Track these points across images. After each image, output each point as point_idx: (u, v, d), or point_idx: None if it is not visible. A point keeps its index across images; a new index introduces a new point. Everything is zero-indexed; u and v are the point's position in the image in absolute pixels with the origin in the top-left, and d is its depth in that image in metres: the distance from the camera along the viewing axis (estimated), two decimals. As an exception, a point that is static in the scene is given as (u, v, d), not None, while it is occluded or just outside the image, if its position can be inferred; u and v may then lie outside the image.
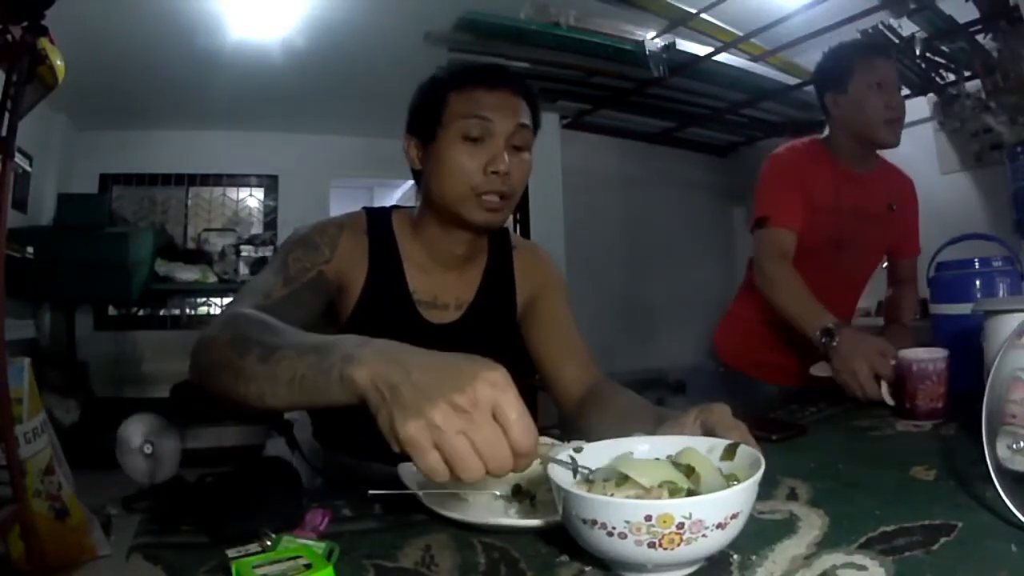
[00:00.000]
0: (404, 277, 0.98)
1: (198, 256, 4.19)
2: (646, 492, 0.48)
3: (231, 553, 0.52)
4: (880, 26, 2.64)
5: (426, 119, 0.95)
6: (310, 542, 0.54)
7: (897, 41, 2.67)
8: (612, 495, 0.48)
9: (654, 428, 0.72)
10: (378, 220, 1.01)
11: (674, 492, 0.49)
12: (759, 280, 1.42)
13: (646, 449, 0.57)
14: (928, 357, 0.97)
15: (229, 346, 0.65)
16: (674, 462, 0.53)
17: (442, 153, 0.92)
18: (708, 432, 0.68)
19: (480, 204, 0.91)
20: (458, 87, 0.93)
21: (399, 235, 1.00)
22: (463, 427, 0.47)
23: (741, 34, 2.94)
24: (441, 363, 0.51)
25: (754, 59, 3.15)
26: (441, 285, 1.00)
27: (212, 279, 4.11)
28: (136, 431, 2.54)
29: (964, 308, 1.07)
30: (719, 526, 0.44)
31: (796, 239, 1.42)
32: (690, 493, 0.49)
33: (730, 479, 0.51)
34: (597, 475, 0.54)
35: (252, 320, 0.70)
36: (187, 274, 4.04)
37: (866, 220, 1.50)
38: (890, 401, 1.04)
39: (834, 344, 1.15)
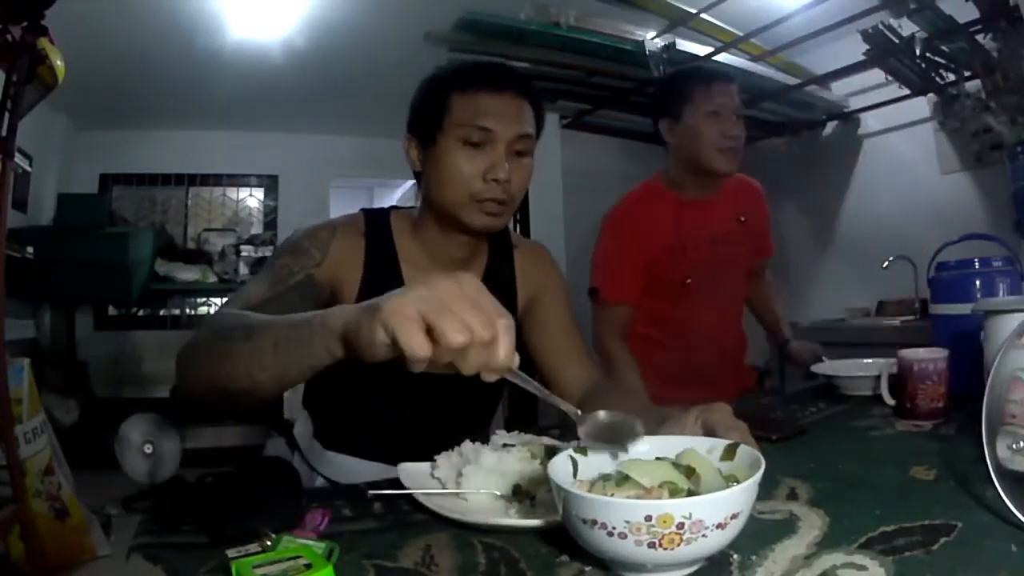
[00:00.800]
0: (402, 277, 0.98)
1: (198, 256, 4.18)
2: (646, 492, 0.48)
3: (231, 553, 0.52)
4: (880, 26, 2.63)
5: (427, 122, 0.93)
6: (310, 542, 0.54)
7: (897, 41, 2.66)
8: (612, 495, 0.48)
9: (656, 427, 0.72)
10: (376, 221, 1.01)
11: (674, 492, 0.49)
12: (599, 351, 1.47)
13: (646, 449, 0.57)
14: (928, 357, 0.97)
15: (212, 338, 0.67)
16: (674, 463, 0.53)
17: (442, 158, 0.91)
18: (709, 432, 0.68)
19: (480, 209, 0.91)
20: (460, 88, 0.91)
21: (397, 235, 1.00)
22: (445, 296, 0.49)
23: (741, 34, 2.94)
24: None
25: (754, 59, 3.15)
26: (440, 285, 1.00)
27: (212, 279, 4.11)
28: (136, 431, 2.54)
29: (964, 308, 1.07)
30: (719, 526, 0.44)
31: (631, 311, 1.47)
32: (690, 493, 0.49)
33: (730, 479, 0.51)
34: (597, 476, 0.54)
35: (232, 314, 0.73)
36: (187, 274, 4.04)
37: (727, 243, 1.52)
38: (890, 401, 1.04)
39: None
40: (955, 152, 3.09)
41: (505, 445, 0.73)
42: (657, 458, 0.54)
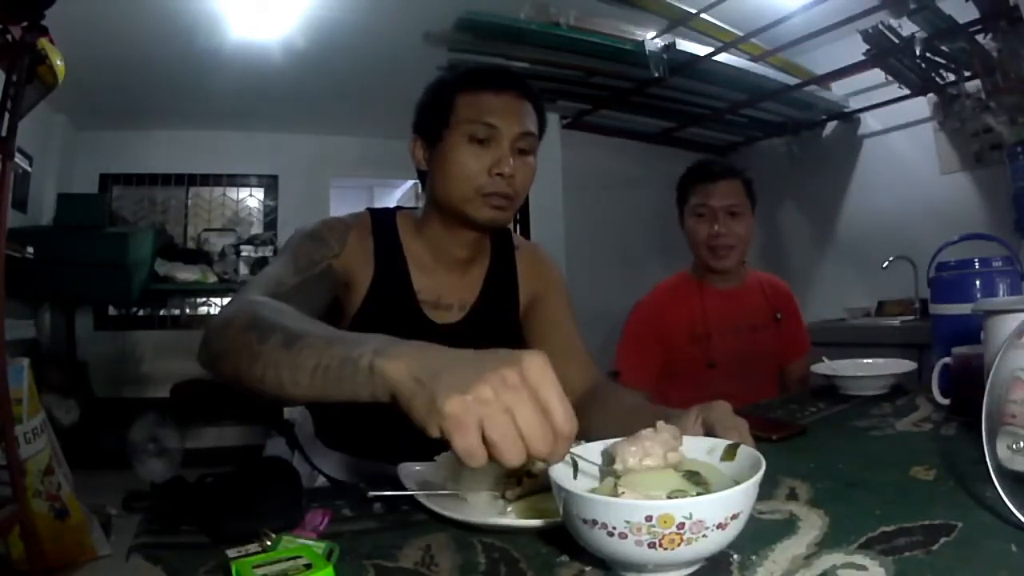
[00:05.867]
0: (409, 277, 0.99)
1: (198, 256, 4.18)
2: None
3: (231, 553, 0.52)
4: (880, 26, 2.63)
5: (433, 120, 0.96)
6: (310, 542, 0.54)
7: (897, 41, 2.66)
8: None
9: (655, 428, 0.72)
10: (383, 220, 1.02)
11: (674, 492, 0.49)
12: None
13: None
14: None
15: (248, 329, 0.62)
16: (686, 471, 0.52)
17: (448, 154, 0.93)
18: (709, 431, 0.68)
19: (485, 203, 0.92)
20: (465, 89, 0.94)
21: (403, 235, 1.01)
22: (511, 403, 0.45)
23: (741, 34, 2.94)
24: (481, 353, 0.49)
25: (754, 59, 3.15)
26: (445, 285, 1.01)
27: (212, 279, 4.11)
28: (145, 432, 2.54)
29: (964, 308, 1.06)
30: (719, 526, 0.44)
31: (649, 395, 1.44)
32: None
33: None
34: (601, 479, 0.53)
35: (270, 306, 0.68)
36: (187, 274, 4.03)
37: (755, 334, 1.55)
38: (943, 400, 0.99)
39: None
40: (955, 152, 3.09)
41: (505, 445, 0.73)
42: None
